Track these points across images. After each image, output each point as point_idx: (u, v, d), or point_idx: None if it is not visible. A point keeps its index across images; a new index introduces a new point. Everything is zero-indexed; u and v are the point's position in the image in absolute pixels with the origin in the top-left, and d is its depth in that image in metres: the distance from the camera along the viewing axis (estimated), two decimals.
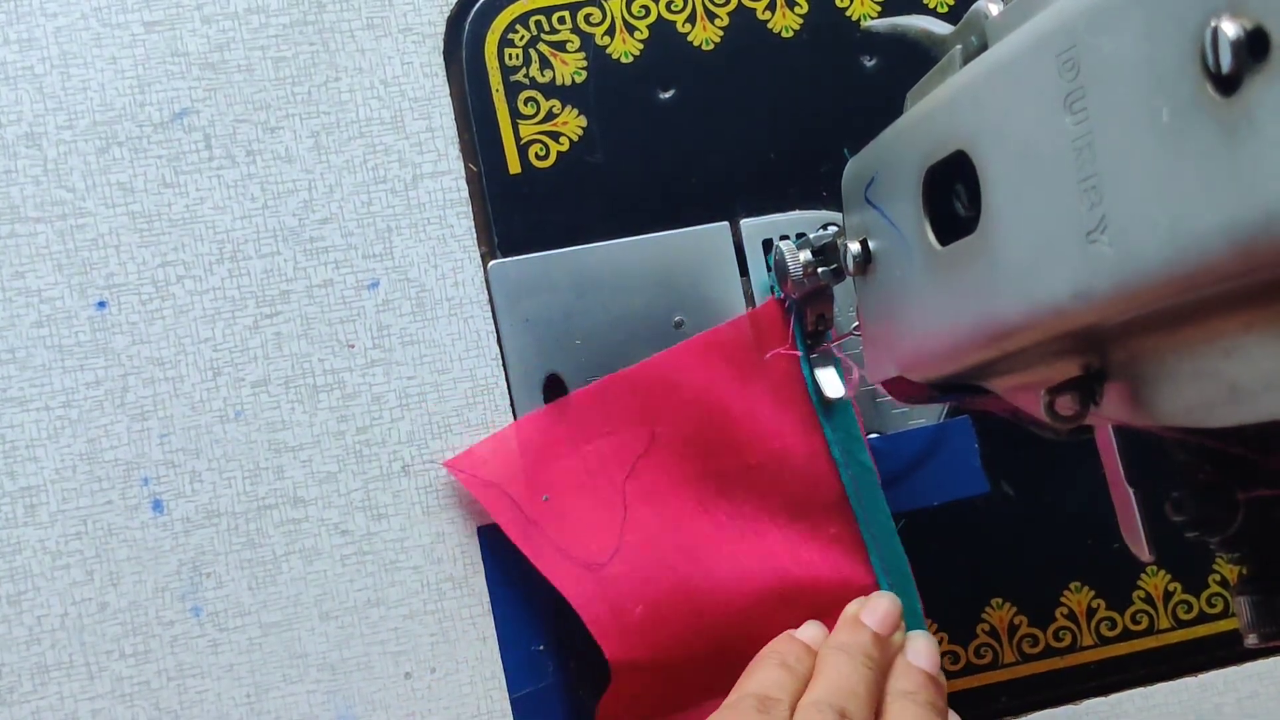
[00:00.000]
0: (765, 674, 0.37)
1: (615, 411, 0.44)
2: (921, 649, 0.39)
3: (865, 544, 0.44)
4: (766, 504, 0.44)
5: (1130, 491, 0.29)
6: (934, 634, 0.45)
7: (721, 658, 0.42)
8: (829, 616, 0.42)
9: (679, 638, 0.43)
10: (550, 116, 0.45)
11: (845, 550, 0.44)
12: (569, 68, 0.46)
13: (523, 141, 0.45)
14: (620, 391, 0.44)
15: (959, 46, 0.31)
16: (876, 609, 0.40)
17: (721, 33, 0.47)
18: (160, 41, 0.43)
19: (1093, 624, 0.47)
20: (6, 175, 0.42)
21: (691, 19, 0.46)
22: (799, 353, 0.44)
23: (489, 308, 0.45)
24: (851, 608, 0.41)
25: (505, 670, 0.44)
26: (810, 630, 0.41)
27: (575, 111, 0.46)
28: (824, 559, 0.44)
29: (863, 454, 0.44)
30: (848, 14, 0.48)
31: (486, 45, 0.45)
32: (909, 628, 0.42)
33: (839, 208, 0.37)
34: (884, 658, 0.38)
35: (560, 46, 0.46)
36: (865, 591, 0.43)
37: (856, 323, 0.38)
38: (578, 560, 0.43)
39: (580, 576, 0.43)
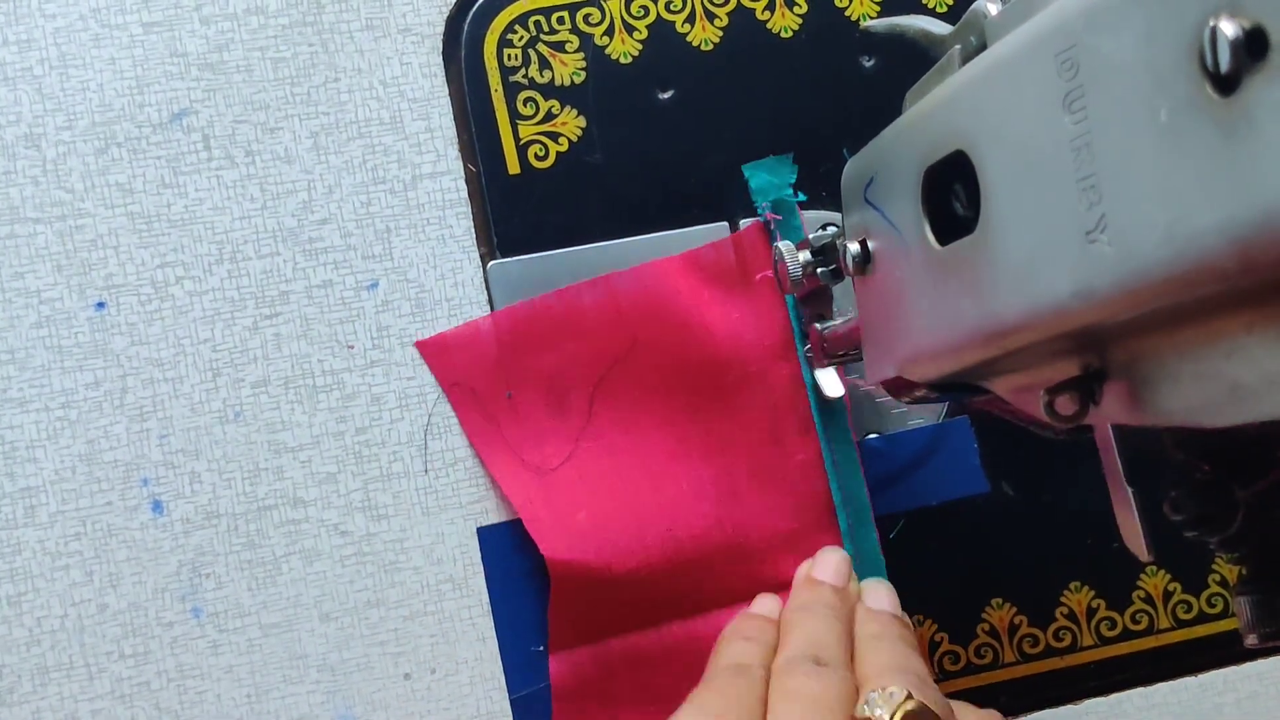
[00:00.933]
0: (731, 649, 0.37)
1: (593, 314, 0.44)
2: (880, 594, 0.40)
3: (828, 472, 0.44)
4: (736, 424, 0.44)
5: (1129, 491, 0.29)
6: (934, 634, 0.45)
7: (665, 581, 0.42)
8: (781, 556, 0.42)
9: (621, 549, 0.42)
10: (549, 117, 0.45)
11: (807, 477, 0.44)
12: (568, 68, 0.46)
13: (522, 142, 0.45)
14: (600, 295, 0.44)
15: (958, 46, 0.31)
16: (827, 564, 0.40)
17: (721, 33, 0.47)
18: (159, 42, 0.43)
19: (1093, 624, 0.47)
20: (6, 176, 0.42)
21: (690, 19, 0.46)
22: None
23: (489, 308, 0.45)
24: (802, 569, 0.41)
25: (505, 671, 0.44)
26: (765, 603, 0.41)
27: (574, 112, 0.46)
28: (783, 492, 0.44)
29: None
30: (847, 14, 0.48)
31: (485, 46, 0.45)
32: (866, 562, 0.42)
33: (838, 208, 0.37)
34: (846, 607, 0.38)
35: (559, 47, 0.46)
36: (819, 532, 0.43)
37: (851, 315, 0.38)
38: (528, 463, 0.43)
39: (526, 479, 0.43)
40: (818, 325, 0.42)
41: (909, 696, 0.30)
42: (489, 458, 0.43)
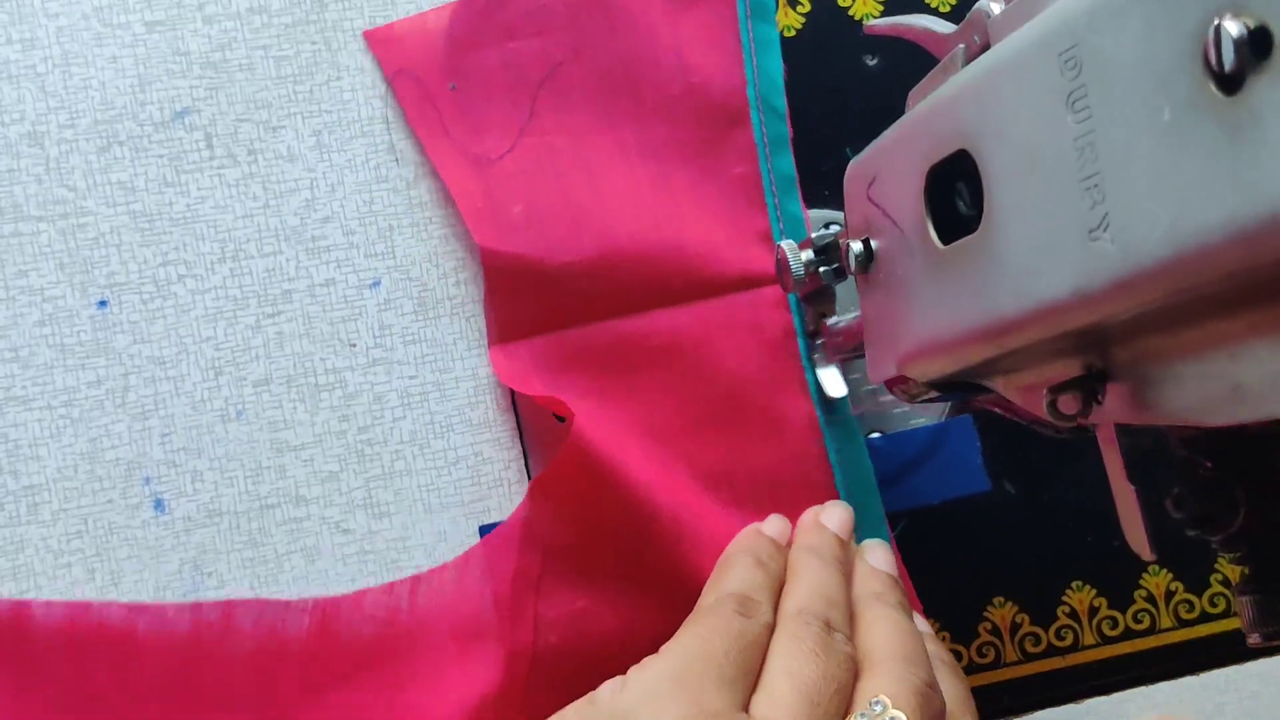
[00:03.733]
0: (741, 573, 0.36)
1: (541, 16, 0.44)
2: (880, 554, 0.39)
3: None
4: (677, 135, 0.44)
5: (1132, 489, 0.29)
6: (936, 633, 0.45)
7: (601, 277, 0.42)
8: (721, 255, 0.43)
9: (555, 244, 0.43)
10: None
11: (745, 196, 0.44)
12: None
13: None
14: None
15: (961, 46, 0.31)
16: (834, 516, 0.40)
17: None
18: (162, 41, 0.43)
19: (1094, 623, 0.47)
20: (9, 174, 0.42)
21: None
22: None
23: None
24: (809, 515, 0.40)
25: None
26: (776, 524, 0.40)
27: None
28: (723, 203, 0.44)
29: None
30: (850, 13, 0.48)
31: None
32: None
33: (841, 206, 0.37)
34: (848, 560, 0.38)
35: None
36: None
37: (853, 314, 0.38)
38: (468, 154, 0.44)
39: (466, 171, 0.43)
40: (826, 321, 0.42)
41: None
42: (431, 147, 0.44)
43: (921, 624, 0.40)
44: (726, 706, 0.29)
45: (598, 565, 0.42)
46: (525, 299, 0.43)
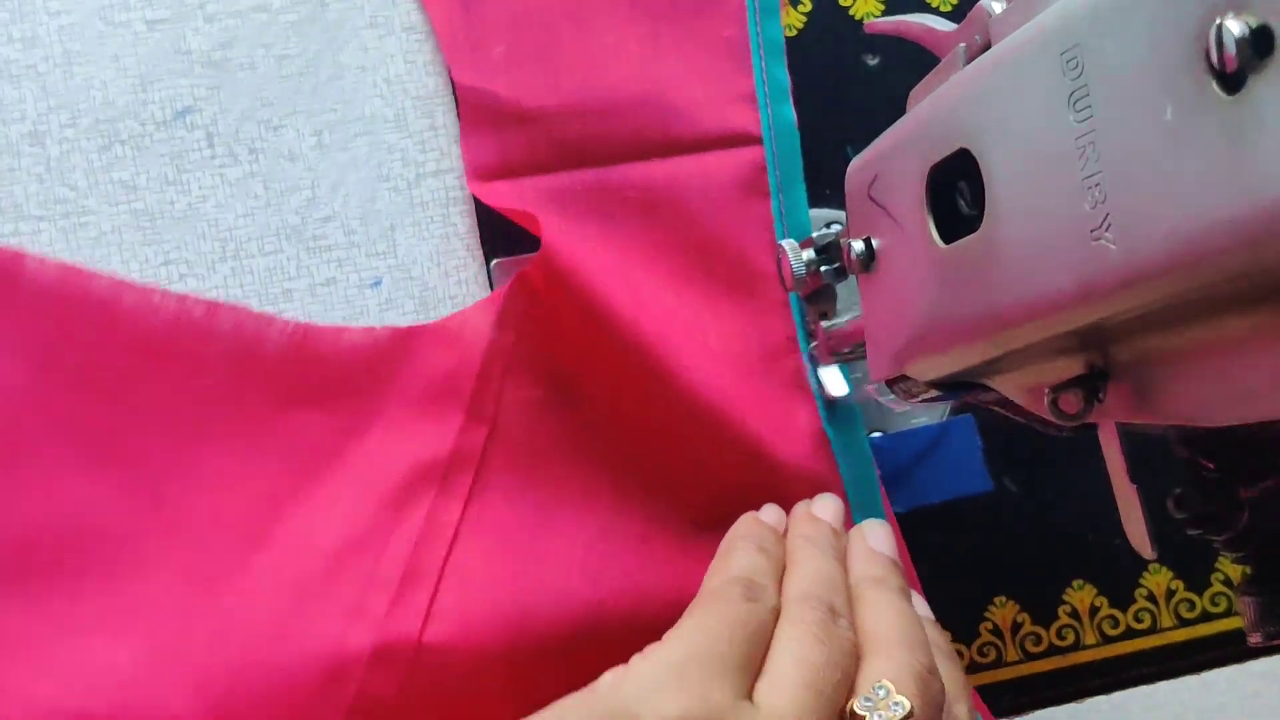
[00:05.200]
0: (744, 558, 0.36)
1: None
2: (879, 534, 0.39)
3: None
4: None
5: (1133, 488, 0.29)
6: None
7: (576, 125, 0.42)
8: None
9: (533, 89, 0.43)
10: None
11: (732, 58, 0.44)
12: None
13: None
14: None
15: (962, 45, 0.31)
16: (826, 507, 0.40)
17: None
18: (163, 39, 0.43)
19: (1095, 622, 0.47)
20: (10, 173, 0.42)
21: None
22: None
23: None
24: (801, 506, 0.40)
25: None
26: (772, 514, 0.40)
27: None
28: (709, 62, 0.44)
29: None
30: (851, 13, 0.48)
31: None
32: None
33: (842, 205, 0.37)
34: (842, 549, 0.38)
35: None
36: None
37: (853, 314, 0.38)
38: None
39: (453, 2, 0.44)
40: (823, 324, 0.42)
41: (910, 714, 0.30)
42: None
43: (922, 608, 0.39)
44: (731, 698, 0.29)
45: (560, 360, 0.42)
46: (500, 139, 0.43)
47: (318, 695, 0.39)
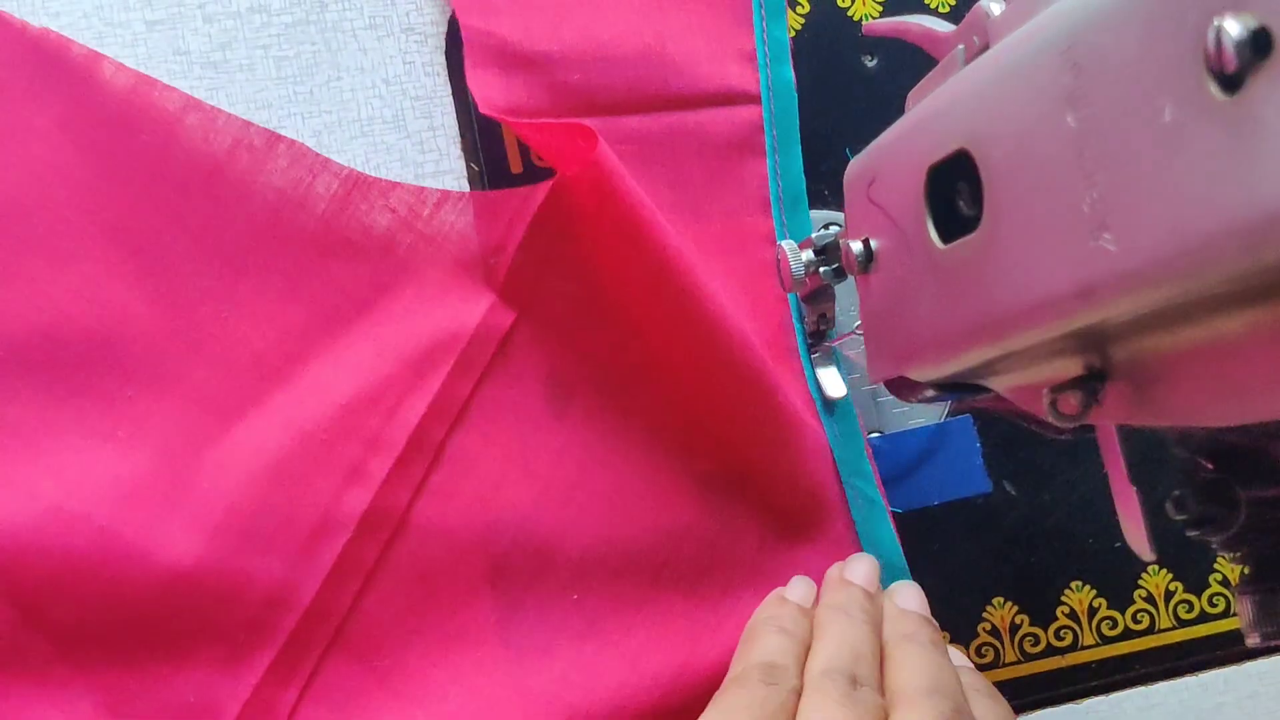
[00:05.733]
0: (766, 641, 0.36)
1: None
2: (910, 595, 0.39)
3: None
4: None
5: (1132, 489, 0.29)
6: None
7: (577, 72, 0.42)
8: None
9: (536, 32, 0.43)
10: None
11: (735, 15, 0.44)
12: None
13: (524, 141, 0.45)
14: None
15: (960, 46, 0.31)
16: (858, 570, 0.40)
17: None
18: (162, 40, 0.43)
19: (1094, 623, 0.47)
20: None
21: None
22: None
23: None
24: (834, 570, 0.40)
25: None
26: (799, 589, 0.41)
27: None
28: (712, 19, 0.44)
29: None
30: (849, 14, 0.48)
31: None
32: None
33: (841, 206, 0.37)
34: (876, 611, 0.38)
35: None
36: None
37: (858, 322, 0.38)
38: None
39: None
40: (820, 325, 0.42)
41: None
42: None
43: (957, 657, 0.39)
44: None
45: (597, 264, 0.42)
46: (505, 80, 0.43)
47: (305, 546, 0.39)
